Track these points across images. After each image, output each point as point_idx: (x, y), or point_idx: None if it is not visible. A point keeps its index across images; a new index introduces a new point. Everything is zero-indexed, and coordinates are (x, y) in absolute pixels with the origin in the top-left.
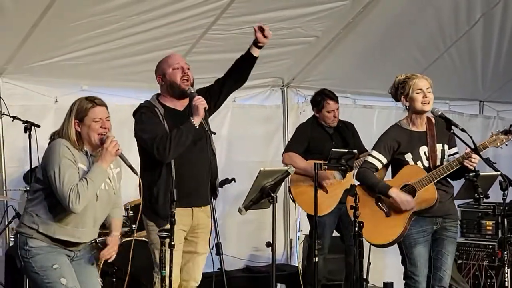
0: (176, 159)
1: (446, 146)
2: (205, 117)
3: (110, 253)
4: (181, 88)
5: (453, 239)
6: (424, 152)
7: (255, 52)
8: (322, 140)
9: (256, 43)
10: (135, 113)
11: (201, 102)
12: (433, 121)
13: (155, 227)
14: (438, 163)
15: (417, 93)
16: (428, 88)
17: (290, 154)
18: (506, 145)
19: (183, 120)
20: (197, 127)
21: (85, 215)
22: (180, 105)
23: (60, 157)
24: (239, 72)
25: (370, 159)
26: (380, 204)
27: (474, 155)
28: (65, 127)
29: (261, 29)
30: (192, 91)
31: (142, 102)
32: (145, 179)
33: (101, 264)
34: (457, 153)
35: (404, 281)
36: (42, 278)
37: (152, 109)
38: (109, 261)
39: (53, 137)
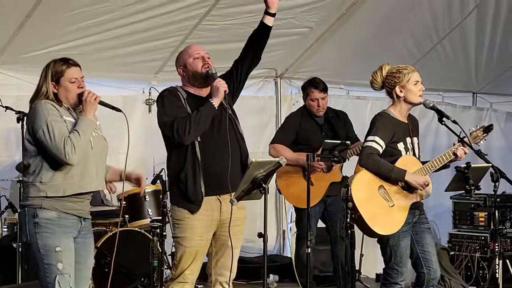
0: (200, 143)
1: (417, 140)
2: (228, 101)
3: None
4: (203, 73)
5: (429, 229)
6: (409, 144)
7: (268, 21)
8: (311, 131)
9: (268, 12)
10: (157, 99)
11: (221, 84)
12: None
13: (188, 213)
14: (417, 156)
15: (414, 84)
16: (420, 81)
17: (276, 146)
18: (482, 142)
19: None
20: (216, 108)
21: (87, 163)
22: (202, 92)
23: (46, 114)
24: (255, 46)
25: (374, 145)
26: (384, 193)
27: (463, 147)
28: (42, 90)
29: None
30: (214, 72)
31: (135, 92)
32: (171, 166)
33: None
34: (419, 149)
35: (385, 271)
36: (41, 257)
37: (175, 93)
38: None
39: (32, 101)
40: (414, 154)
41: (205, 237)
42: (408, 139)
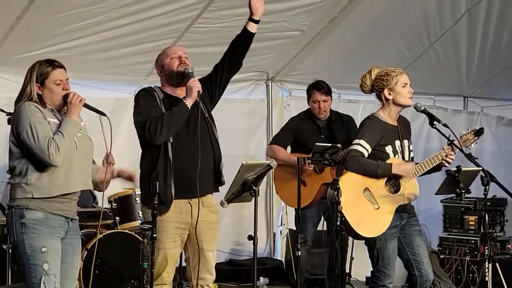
0: (173, 144)
1: (408, 142)
2: (206, 106)
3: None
4: (179, 72)
5: (420, 232)
6: (398, 146)
7: (252, 27)
8: (310, 133)
9: (252, 18)
10: (134, 99)
11: (195, 84)
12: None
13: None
14: (406, 158)
15: (403, 87)
16: (410, 83)
17: (273, 147)
18: (473, 146)
19: None
20: (189, 108)
21: (72, 164)
22: (179, 93)
23: (29, 116)
24: (237, 51)
25: (359, 148)
26: (369, 196)
27: (452, 153)
28: (27, 91)
29: None
30: (190, 71)
31: (126, 94)
32: (144, 166)
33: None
34: (412, 150)
35: (373, 274)
36: (28, 258)
37: (151, 92)
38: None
39: (17, 103)
40: (403, 157)
41: (178, 239)
42: (397, 142)
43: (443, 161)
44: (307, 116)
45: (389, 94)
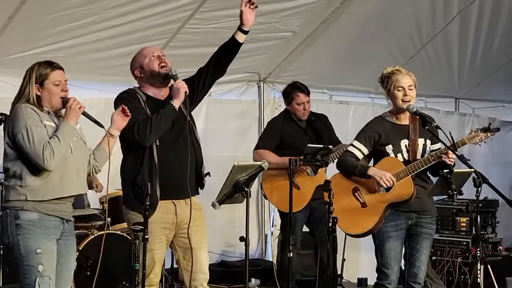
0: (159, 147)
1: (428, 142)
2: (187, 108)
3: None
4: (162, 73)
5: (428, 235)
6: (405, 145)
7: (240, 38)
8: (295, 135)
9: (241, 28)
10: (116, 100)
11: (182, 85)
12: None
13: (141, 217)
14: (419, 157)
15: (398, 90)
16: (410, 85)
17: (260, 152)
18: (485, 142)
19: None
20: (177, 109)
21: (67, 167)
22: (161, 95)
23: (25, 119)
24: (223, 59)
25: (350, 148)
26: (357, 195)
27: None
28: (25, 92)
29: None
30: (174, 73)
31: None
32: (127, 169)
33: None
34: (439, 149)
35: (376, 272)
36: (22, 260)
37: (134, 94)
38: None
39: (15, 104)
40: (413, 156)
41: (164, 239)
42: (405, 141)
43: (444, 159)
44: (288, 118)
45: (388, 95)
